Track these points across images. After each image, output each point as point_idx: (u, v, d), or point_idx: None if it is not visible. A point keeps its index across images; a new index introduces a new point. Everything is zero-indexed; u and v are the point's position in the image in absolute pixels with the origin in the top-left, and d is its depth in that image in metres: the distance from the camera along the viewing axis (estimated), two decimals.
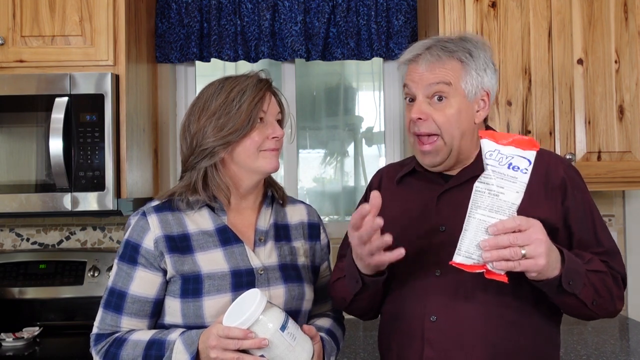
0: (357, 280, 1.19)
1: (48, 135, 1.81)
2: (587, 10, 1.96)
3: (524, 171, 1.04)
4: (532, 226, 1.03)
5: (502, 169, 1.05)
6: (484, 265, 1.05)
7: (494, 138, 1.07)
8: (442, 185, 1.28)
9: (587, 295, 1.14)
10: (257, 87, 1.28)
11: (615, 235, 2.31)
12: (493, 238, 1.02)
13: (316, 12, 2.31)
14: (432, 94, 1.24)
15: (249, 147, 1.27)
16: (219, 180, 1.28)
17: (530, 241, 1.02)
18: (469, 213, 1.06)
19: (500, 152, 1.05)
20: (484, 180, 1.06)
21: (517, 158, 1.05)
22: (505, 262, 1.02)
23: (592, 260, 1.18)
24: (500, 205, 1.04)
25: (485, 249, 1.02)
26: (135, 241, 1.26)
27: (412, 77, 1.27)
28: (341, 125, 2.64)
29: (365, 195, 1.45)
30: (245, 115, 1.25)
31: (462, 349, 1.18)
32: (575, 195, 1.25)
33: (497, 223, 1.02)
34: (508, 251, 1.01)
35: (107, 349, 1.22)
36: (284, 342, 1.11)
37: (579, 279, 1.11)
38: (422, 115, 1.23)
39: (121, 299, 1.24)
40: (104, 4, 1.91)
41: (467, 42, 1.28)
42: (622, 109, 1.95)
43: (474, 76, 1.25)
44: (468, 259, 1.05)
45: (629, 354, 1.71)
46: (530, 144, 1.05)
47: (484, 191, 1.05)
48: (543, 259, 1.02)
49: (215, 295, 1.22)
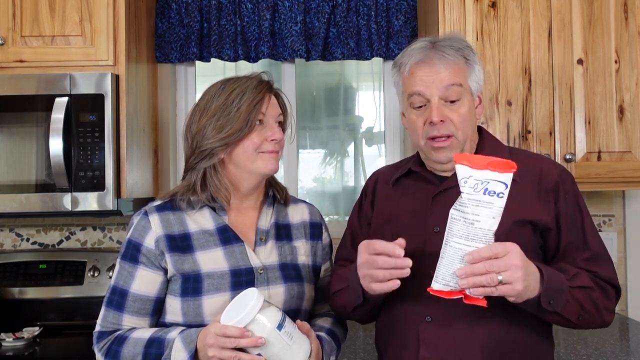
0: (359, 296, 1.20)
1: (48, 135, 1.81)
2: (587, 10, 1.96)
3: (500, 195, 1.03)
4: (509, 252, 1.03)
5: (477, 196, 1.03)
6: (462, 292, 1.05)
7: (469, 162, 1.05)
8: (437, 186, 1.29)
9: (570, 311, 1.13)
10: (257, 89, 1.28)
11: (615, 235, 2.31)
12: (469, 267, 1.02)
13: (316, 12, 2.31)
14: (447, 96, 1.23)
15: (248, 148, 1.27)
16: (217, 182, 1.29)
17: (507, 267, 1.02)
18: (445, 240, 1.06)
19: (474, 177, 1.03)
20: (459, 208, 1.04)
21: (493, 183, 1.03)
22: (482, 288, 1.02)
23: (578, 275, 1.17)
24: (476, 233, 1.03)
25: (461, 277, 1.02)
26: (136, 240, 1.26)
27: (423, 81, 1.24)
28: (341, 125, 2.64)
29: (361, 199, 1.45)
30: (244, 117, 1.25)
31: (457, 349, 1.18)
32: (566, 198, 1.25)
33: (473, 252, 1.02)
34: (484, 278, 1.01)
35: (109, 346, 1.23)
36: (281, 341, 1.11)
37: (560, 297, 1.11)
38: (444, 117, 1.22)
39: (123, 298, 1.25)
40: (104, 4, 1.91)
41: (464, 41, 1.29)
42: (622, 109, 1.95)
43: (477, 73, 1.27)
44: (445, 286, 1.05)
45: (629, 354, 1.71)
46: (507, 165, 1.03)
47: (459, 219, 1.04)
48: (520, 284, 1.02)
49: (215, 294, 1.22)
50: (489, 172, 1.03)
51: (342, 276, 1.32)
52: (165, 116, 2.38)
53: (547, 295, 1.09)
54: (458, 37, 1.32)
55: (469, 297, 1.05)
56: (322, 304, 1.43)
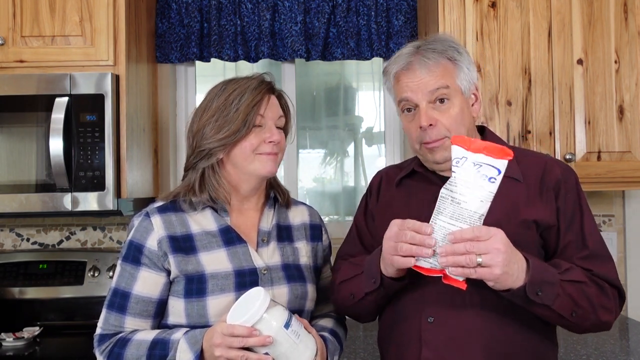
0: (375, 280, 1.20)
1: (48, 135, 1.81)
2: (587, 10, 1.96)
3: (491, 180, 1.03)
4: (493, 236, 1.03)
5: (468, 177, 1.03)
6: (442, 271, 1.05)
7: (464, 144, 1.05)
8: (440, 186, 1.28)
9: (562, 306, 1.12)
10: (256, 90, 1.28)
11: (615, 235, 2.31)
12: (450, 245, 1.03)
13: (316, 12, 2.31)
14: (434, 99, 1.24)
15: (245, 149, 1.27)
16: (215, 182, 1.29)
17: (487, 250, 1.02)
18: (432, 218, 1.07)
19: (468, 159, 1.04)
20: (449, 187, 1.05)
21: (486, 167, 1.03)
22: (461, 269, 1.03)
23: (571, 269, 1.16)
24: (462, 214, 1.03)
25: (441, 255, 1.03)
26: (138, 242, 1.26)
27: (409, 87, 1.25)
28: (341, 125, 2.64)
29: (367, 196, 1.45)
30: (242, 117, 1.25)
31: (459, 350, 1.18)
32: (567, 197, 1.25)
33: (456, 232, 1.03)
34: (464, 258, 1.02)
35: (111, 349, 1.22)
36: (288, 340, 1.11)
37: (550, 290, 1.10)
38: (432, 121, 1.23)
39: (125, 300, 1.24)
40: (104, 4, 1.91)
41: (450, 42, 1.29)
42: (622, 109, 1.95)
43: (466, 72, 1.26)
44: (426, 262, 1.06)
45: (629, 354, 1.72)
46: (503, 152, 1.03)
47: (447, 198, 1.05)
48: (498, 269, 1.03)
49: (219, 295, 1.22)
50: (483, 155, 1.03)
51: (352, 265, 1.32)
52: (165, 116, 2.38)
53: (534, 285, 1.08)
54: (444, 37, 1.31)
55: (448, 278, 1.06)
56: (323, 304, 1.43)
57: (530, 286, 1.08)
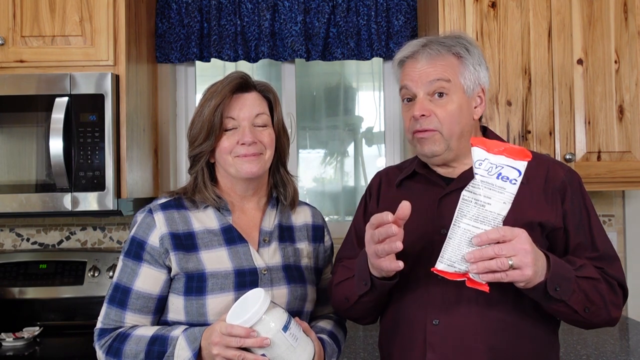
0: (366, 282, 1.19)
1: (48, 135, 1.81)
2: (587, 10, 1.96)
3: (512, 182, 1.03)
4: (517, 236, 1.02)
5: (491, 179, 1.03)
6: (465, 274, 1.04)
7: (485, 146, 1.05)
8: (443, 188, 1.28)
9: (577, 301, 1.13)
10: (220, 94, 1.27)
11: (614, 235, 2.31)
12: (478, 250, 1.01)
13: (316, 12, 2.31)
14: (432, 91, 1.24)
15: (222, 154, 1.29)
16: (211, 183, 1.32)
17: (515, 252, 1.01)
18: (454, 221, 1.05)
19: (490, 161, 1.04)
20: (472, 190, 1.05)
21: (507, 168, 1.03)
22: (492, 274, 1.02)
23: (584, 266, 1.17)
24: (486, 216, 1.03)
25: (470, 261, 1.01)
26: (141, 238, 1.27)
27: (410, 76, 1.26)
28: (341, 125, 2.64)
29: (366, 198, 1.44)
30: (208, 124, 1.26)
31: (463, 352, 1.18)
32: (573, 199, 1.24)
33: (482, 234, 1.02)
34: (495, 262, 1.01)
35: (111, 343, 1.23)
36: (286, 342, 1.11)
37: (567, 285, 1.10)
38: (425, 112, 1.23)
39: (125, 295, 1.25)
40: (104, 4, 1.91)
41: (462, 39, 1.29)
42: (622, 109, 1.95)
43: (471, 71, 1.26)
44: (450, 267, 1.05)
45: (629, 354, 1.72)
46: (522, 153, 1.04)
47: (470, 200, 1.04)
48: (530, 270, 1.02)
49: (219, 293, 1.23)
50: (504, 157, 1.04)
51: (345, 269, 1.31)
52: (165, 116, 2.38)
53: (553, 281, 1.08)
54: (459, 34, 1.32)
55: (472, 281, 1.04)
56: (323, 306, 1.43)
57: (550, 282, 1.07)
